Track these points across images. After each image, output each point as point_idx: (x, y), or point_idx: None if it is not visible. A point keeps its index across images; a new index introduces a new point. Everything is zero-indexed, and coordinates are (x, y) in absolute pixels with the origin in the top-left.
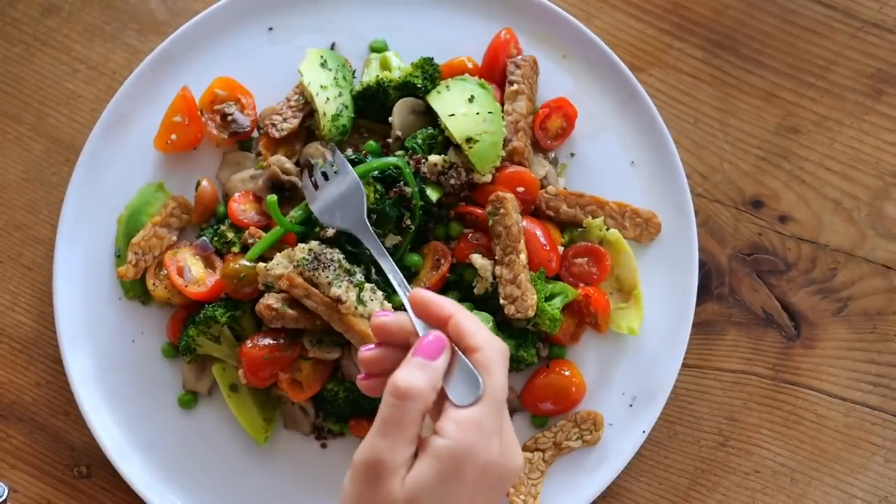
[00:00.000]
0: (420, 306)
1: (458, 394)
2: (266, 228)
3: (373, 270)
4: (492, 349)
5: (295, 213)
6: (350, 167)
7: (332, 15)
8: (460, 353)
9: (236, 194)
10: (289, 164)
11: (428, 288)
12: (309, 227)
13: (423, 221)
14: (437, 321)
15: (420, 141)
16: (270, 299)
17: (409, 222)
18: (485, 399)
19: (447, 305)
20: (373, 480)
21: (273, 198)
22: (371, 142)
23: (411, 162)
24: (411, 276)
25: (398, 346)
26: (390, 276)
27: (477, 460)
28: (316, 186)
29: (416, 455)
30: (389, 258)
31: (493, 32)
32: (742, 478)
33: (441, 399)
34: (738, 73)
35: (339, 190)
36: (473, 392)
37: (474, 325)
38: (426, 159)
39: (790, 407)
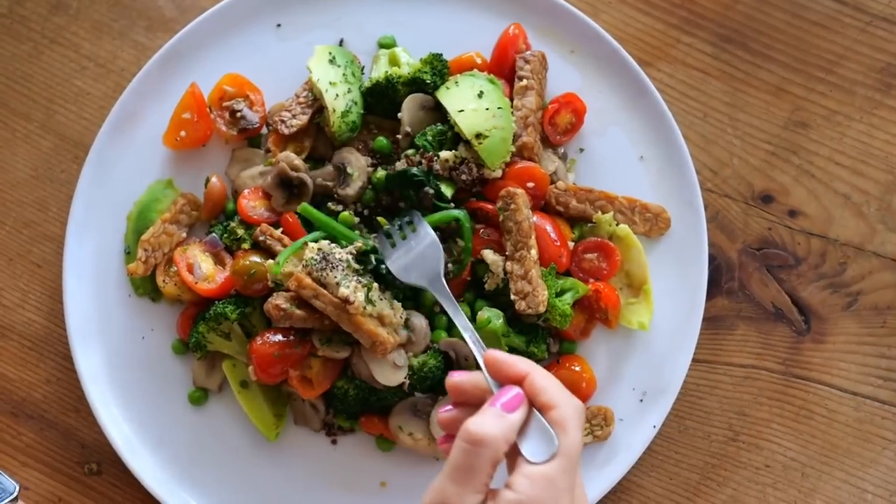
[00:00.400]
0: (494, 365)
1: (532, 450)
2: (276, 225)
3: (382, 268)
4: (568, 407)
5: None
6: (428, 226)
7: (339, 12)
8: (536, 411)
9: (246, 191)
10: (297, 161)
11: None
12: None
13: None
14: (512, 380)
15: (430, 138)
16: (279, 299)
17: (451, 268)
18: (559, 457)
19: (521, 364)
20: None
21: (306, 206)
22: (381, 138)
23: (423, 160)
24: None
25: (473, 405)
26: (465, 335)
27: None
28: (394, 245)
29: None
30: (463, 315)
31: (502, 28)
32: (753, 472)
33: (516, 456)
34: (747, 67)
35: (418, 248)
36: (548, 449)
37: (550, 383)
38: (438, 157)
39: (800, 402)
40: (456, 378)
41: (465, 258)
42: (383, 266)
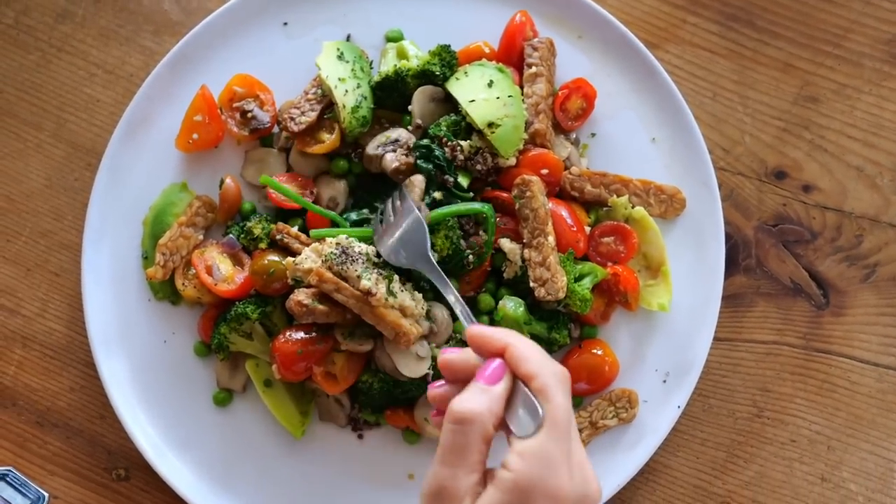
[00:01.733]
0: (476, 341)
1: (519, 425)
2: (301, 216)
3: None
4: (548, 374)
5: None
6: (412, 204)
7: (346, 7)
8: (522, 385)
9: (278, 174)
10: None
11: (469, 283)
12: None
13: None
14: (493, 353)
15: (444, 128)
16: (300, 295)
17: (471, 259)
18: (546, 426)
19: (501, 336)
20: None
21: (266, 177)
22: (340, 160)
23: (447, 149)
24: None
25: (466, 381)
26: (456, 310)
27: (544, 492)
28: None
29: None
30: (455, 291)
31: (508, 16)
32: (779, 448)
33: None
34: (755, 45)
35: (401, 228)
36: (534, 421)
37: (529, 351)
38: (461, 146)
39: (823, 375)
40: (446, 356)
41: (486, 250)
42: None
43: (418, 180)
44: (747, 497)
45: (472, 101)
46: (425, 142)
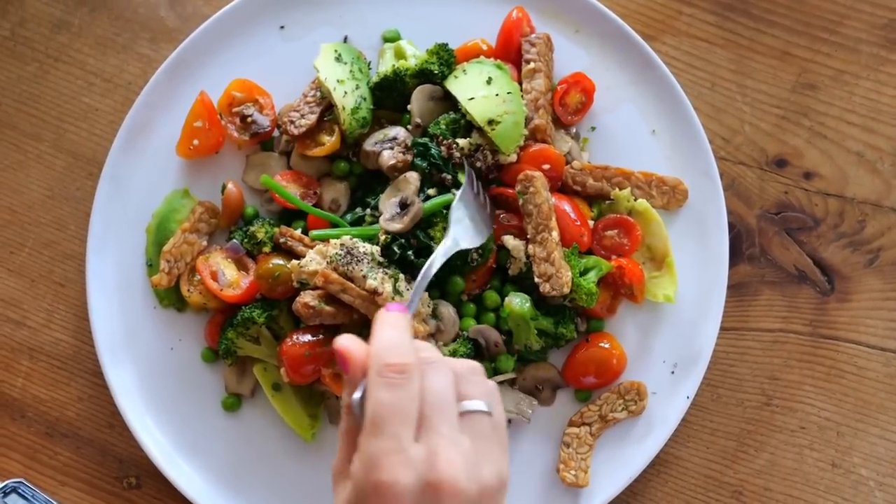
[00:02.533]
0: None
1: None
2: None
3: (409, 255)
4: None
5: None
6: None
7: (342, 9)
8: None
9: (280, 172)
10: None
11: (474, 281)
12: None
13: None
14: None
15: (444, 126)
16: (307, 297)
17: (476, 256)
18: (366, 419)
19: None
20: (333, 482)
21: (266, 177)
22: (341, 162)
23: (443, 147)
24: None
25: None
26: (416, 290)
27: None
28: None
29: None
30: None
31: (505, 13)
32: (788, 435)
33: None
34: (751, 34)
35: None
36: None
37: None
38: (457, 144)
39: (830, 361)
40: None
41: (489, 245)
42: (410, 253)
43: (413, 177)
44: (759, 485)
45: (472, 98)
46: (423, 140)
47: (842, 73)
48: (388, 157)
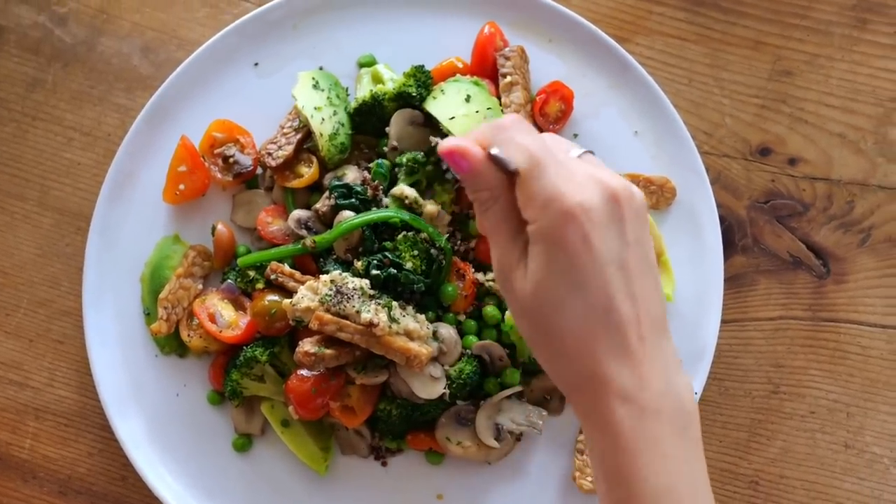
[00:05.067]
0: (451, 156)
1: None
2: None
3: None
4: (487, 131)
5: (323, 236)
6: None
7: (314, 39)
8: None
9: (265, 208)
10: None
11: (465, 297)
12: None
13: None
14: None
15: (384, 170)
16: (306, 346)
17: (441, 258)
18: (521, 169)
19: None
20: (507, 288)
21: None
22: (379, 161)
23: (369, 189)
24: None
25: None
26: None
27: (560, 223)
28: None
29: None
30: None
31: (477, 28)
32: (799, 421)
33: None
34: (723, 26)
35: None
36: (509, 168)
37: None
38: (382, 187)
39: (833, 343)
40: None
41: (446, 248)
42: (392, 270)
43: (346, 216)
44: (775, 473)
45: (452, 118)
46: (342, 183)
47: (816, 57)
48: (322, 205)
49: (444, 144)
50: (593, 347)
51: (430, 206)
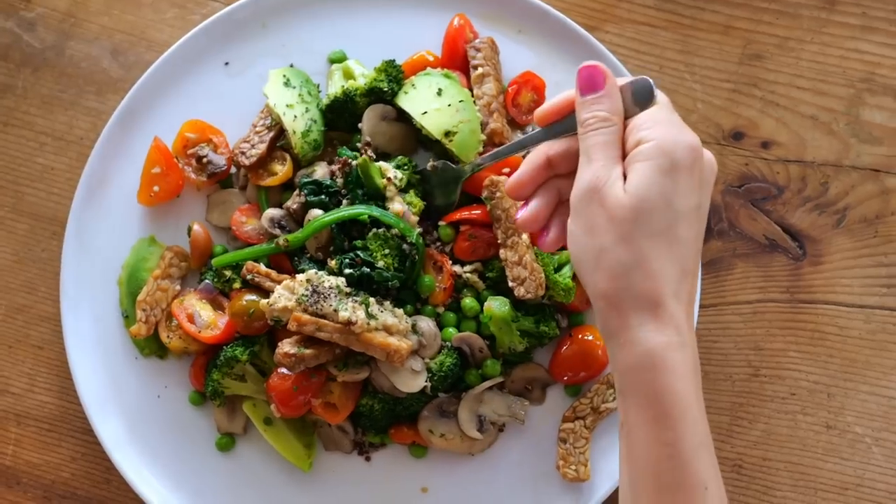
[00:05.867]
0: (548, 114)
1: (637, 101)
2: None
3: (375, 273)
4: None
5: (296, 234)
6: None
7: (284, 37)
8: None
9: (239, 208)
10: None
11: (444, 289)
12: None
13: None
14: (567, 108)
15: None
16: (286, 347)
17: (414, 253)
18: (658, 99)
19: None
20: (595, 200)
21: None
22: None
23: (336, 165)
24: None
25: (540, 186)
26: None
27: (685, 146)
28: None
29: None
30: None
31: (446, 21)
32: (780, 403)
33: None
34: (692, 12)
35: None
36: (650, 93)
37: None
38: (351, 162)
39: (812, 325)
40: (511, 181)
41: (417, 242)
42: (365, 269)
43: (315, 214)
44: (758, 456)
45: (425, 112)
46: (311, 180)
47: (786, 40)
48: (292, 203)
49: (589, 62)
50: (667, 271)
51: (397, 206)
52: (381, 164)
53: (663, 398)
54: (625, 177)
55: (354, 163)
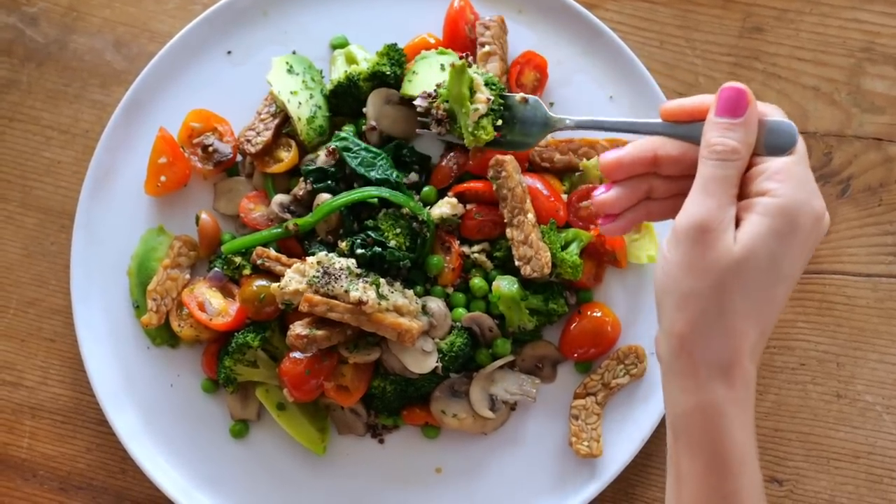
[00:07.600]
0: (674, 113)
1: (773, 147)
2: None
3: (385, 253)
4: (769, 107)
5: (306, 219)
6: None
7: (285, 24)
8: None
9: (247, 195)
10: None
11: (452, 270)
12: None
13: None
14: (697, 113)
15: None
16: (297, 328)
17: (425, 231)
18: (797, 149)
19: (696, 98)
20: (702, 241)
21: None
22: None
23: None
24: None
25: (633, 177)
26: None
27: (810, 213)
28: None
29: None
30: None
31: (447, 3)
32: (790, 374)
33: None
34: None
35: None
36: (789, 141)
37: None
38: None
39: (819, 295)
40: (612, 155)
41: (429, 221)
42: (377, 249)
43: (324, 198)
44: (769, 427)
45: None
46: (315, 167)
47: (785, 12)
48: (297, 190)
49: (735, 83)
50: (750, 332)
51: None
52: (476, 77)
53: (722, 448)
54: (737, 220)
55: (456, 63)
